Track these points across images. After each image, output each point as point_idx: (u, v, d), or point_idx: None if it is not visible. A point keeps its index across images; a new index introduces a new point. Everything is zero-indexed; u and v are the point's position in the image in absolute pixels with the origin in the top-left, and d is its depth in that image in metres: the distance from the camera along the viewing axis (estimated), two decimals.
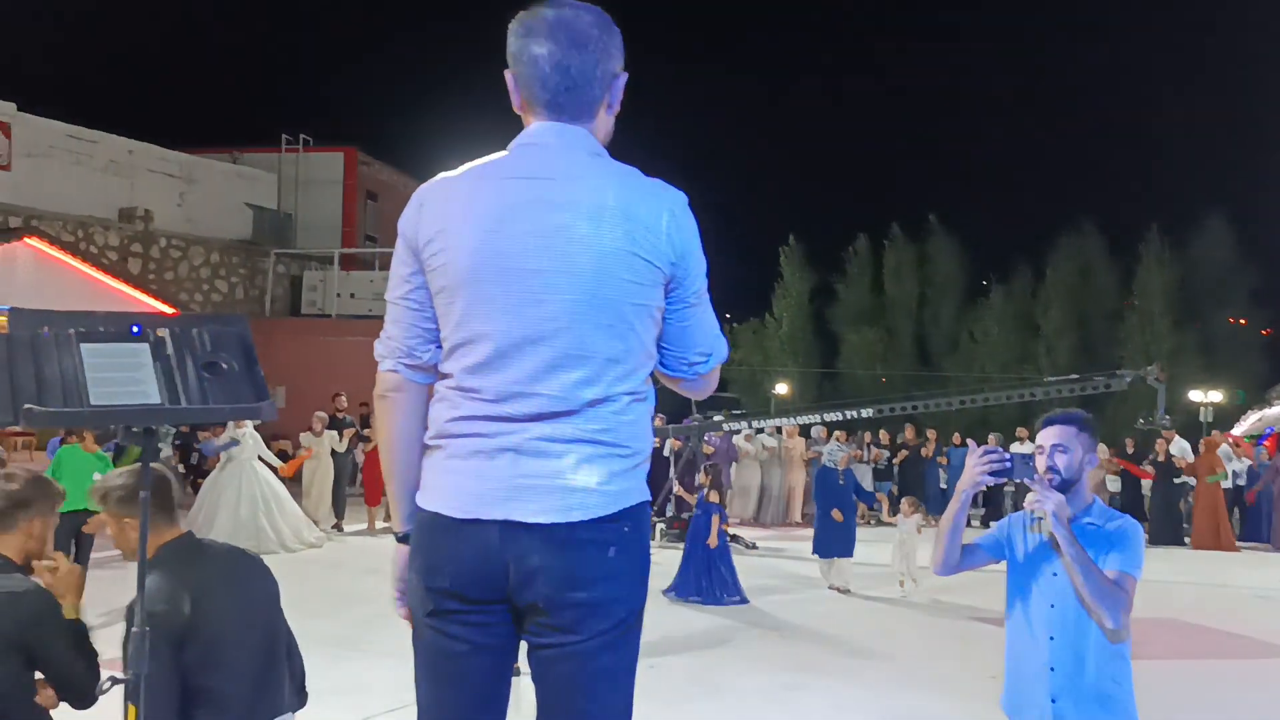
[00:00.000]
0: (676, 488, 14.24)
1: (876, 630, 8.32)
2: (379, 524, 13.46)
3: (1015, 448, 16.86)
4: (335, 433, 13.04)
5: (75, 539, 8.00)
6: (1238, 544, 14.89)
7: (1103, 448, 15.37)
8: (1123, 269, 32.56)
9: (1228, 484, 15.25)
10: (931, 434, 18.40)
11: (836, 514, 10.01)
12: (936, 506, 18.06)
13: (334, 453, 13.03)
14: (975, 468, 2.92)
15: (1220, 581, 11.47)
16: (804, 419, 17.14)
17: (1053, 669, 2.91)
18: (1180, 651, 7.51)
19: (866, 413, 16.78)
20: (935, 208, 35.15)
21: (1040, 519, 2.98)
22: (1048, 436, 3.05)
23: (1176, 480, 15.26)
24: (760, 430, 17.56)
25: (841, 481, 10.39)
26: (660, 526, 13.88)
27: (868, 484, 16.80)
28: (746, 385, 35.55)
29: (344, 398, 13.92)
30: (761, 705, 6.09)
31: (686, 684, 6.44)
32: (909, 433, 18.29)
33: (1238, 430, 15.75)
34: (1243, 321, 32.77)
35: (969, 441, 2.95)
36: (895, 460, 18.24)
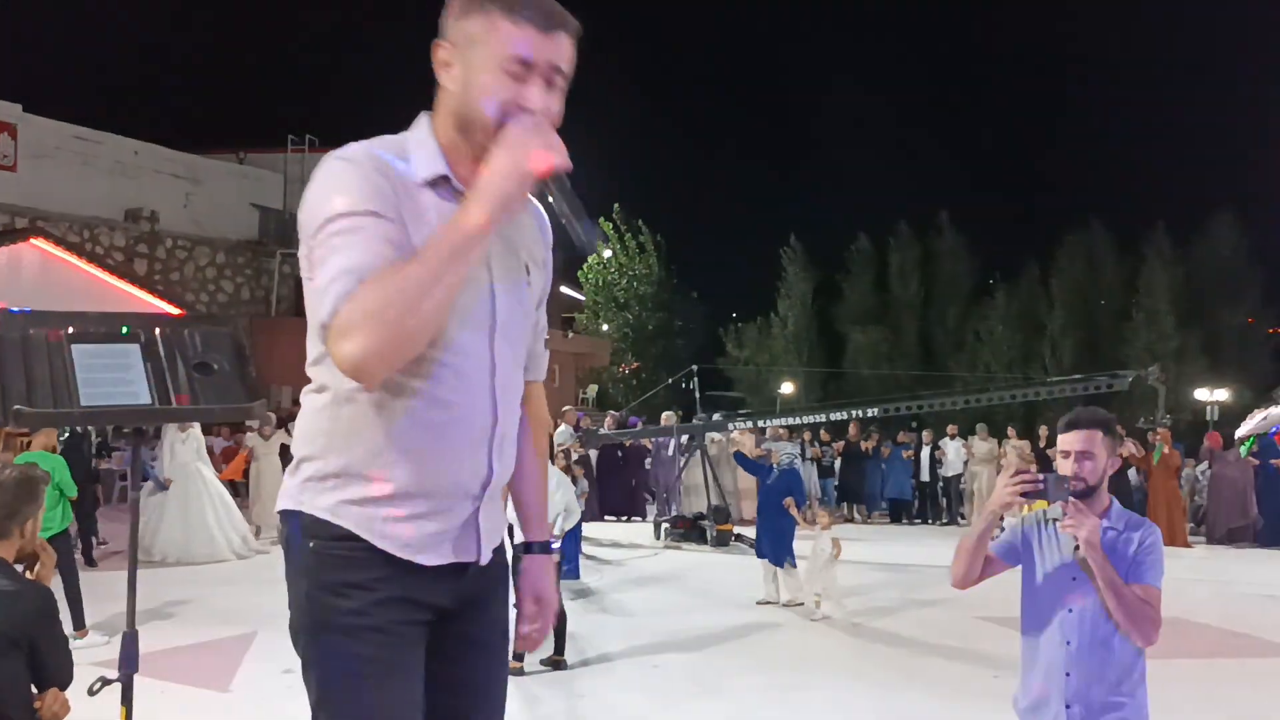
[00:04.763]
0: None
1: (877, 629, 8.31)
2: None
3: (1009, 445, 16.83)
4: (286, 433, 12.98)
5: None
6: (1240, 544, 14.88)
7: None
8: (1129, 268, 32.55)
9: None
10: (875, 435, 18.36)
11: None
12: (875, 504, 18.11)
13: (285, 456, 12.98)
14: (1007, 488, 2.81)
15: (1227, 579, 11.44)
16: (809, 418, 17.15)
17: (1068, 674, 2.85)
18: (1182, 650, 7.48)
19: (872, 412, 16.75)
20: (941, 206, 35.14)
21: (1059, 520, 2.89)
22: (1073, 442, 2.89)
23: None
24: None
25: (769, 481, 9.29)
26: (665, 526, 13.85)
27: (811, 482, 16.56)
28: (752, 385, 35.56)
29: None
30: (762, 705, 6.08)
31: (687, 683, 6.44)
32: (852, 430, 18.19)
33: (1242, 430, 15.61)
34: (1249, 320, 32.74)
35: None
36: (834, 449, 18.12)
